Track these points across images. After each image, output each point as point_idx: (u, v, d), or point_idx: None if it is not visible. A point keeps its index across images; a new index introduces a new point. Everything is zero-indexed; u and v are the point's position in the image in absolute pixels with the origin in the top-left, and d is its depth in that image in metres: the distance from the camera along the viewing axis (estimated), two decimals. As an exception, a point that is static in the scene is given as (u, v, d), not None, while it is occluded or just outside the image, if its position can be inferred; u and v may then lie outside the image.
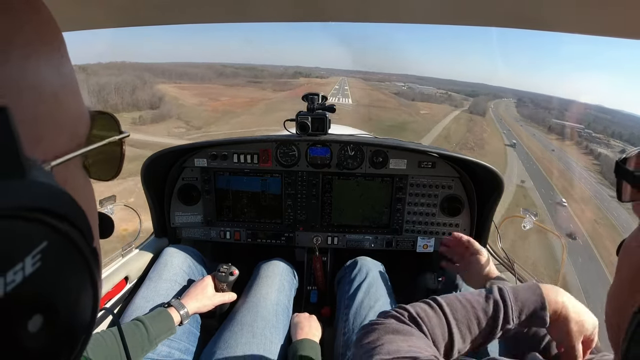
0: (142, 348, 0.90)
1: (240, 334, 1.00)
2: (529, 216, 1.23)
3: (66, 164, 0.22)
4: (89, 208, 0.26)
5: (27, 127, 0.19)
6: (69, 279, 0.18)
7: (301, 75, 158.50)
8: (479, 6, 0.66)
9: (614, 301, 0.35)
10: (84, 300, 0.19)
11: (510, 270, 1.26)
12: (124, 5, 0.69)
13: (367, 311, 1.11)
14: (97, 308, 0.20)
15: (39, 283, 0.16)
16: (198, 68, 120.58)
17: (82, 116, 0.25)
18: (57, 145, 0.22)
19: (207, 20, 0.78)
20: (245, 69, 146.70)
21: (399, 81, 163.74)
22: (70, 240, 0.18)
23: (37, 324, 0.16)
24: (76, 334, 0.19)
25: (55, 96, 0.22)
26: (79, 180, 0.25)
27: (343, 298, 1.21)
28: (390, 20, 0.77)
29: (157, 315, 0.98)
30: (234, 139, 1.44)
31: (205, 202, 1.46)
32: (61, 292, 0.17)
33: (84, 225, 0.19)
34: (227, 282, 1.17)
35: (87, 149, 0.25)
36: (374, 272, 1.26)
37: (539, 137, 61.58)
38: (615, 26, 0.61)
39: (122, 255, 1.28)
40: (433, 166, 1.40)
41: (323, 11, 0.74)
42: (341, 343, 1.07)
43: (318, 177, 1.44)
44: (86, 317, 0.19)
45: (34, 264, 0.15)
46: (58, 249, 0.17)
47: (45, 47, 0.22)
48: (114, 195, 1.23)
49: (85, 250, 0.19)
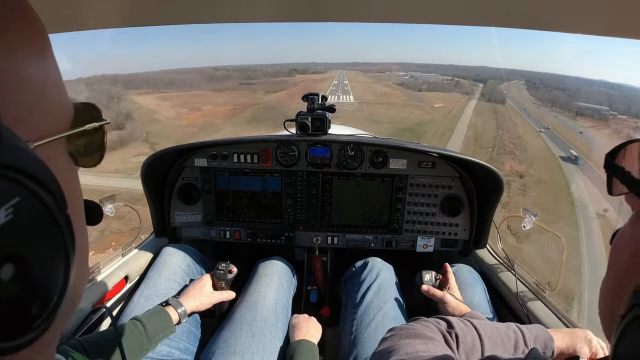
0: (142, 346, 0.91)
1: (240, 333, 1.00)
2: (529, 216, 1.23)
3: (49, 146, 0.24)
4: (72, 190, 0.28)
5: (11, 109, 0.21)
6: (40, 237, 0.19)
7: (297, 72, 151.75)
8: (479, 6, 0.66)
9: (607, 292, 0.34)
10: (56, 261, 0.20)
11: (511, 270, 1.26)
12: (124, 5, 0.69)
13: (375, 312, 1.10)
14: (69, 274, 0.21)
15: (10, 234, 0.17)
16: (188, 74, 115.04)
17: (66, 105, 0.27)
18: (41, 128, 0.24)
19: (206, 20, 0.78)
20: (239, 70, 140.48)
21: (399, 70, 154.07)
22: (42, 201, 0.19)
23: (8, 273, 0.17)
24: (48, 292, 0.20)
25: (39, 86, 0.24)
26: (61, 162, 0.27)
27: (351, 298, 1.21)
28: (390, 20, 0.77)
29: (155, 314, 0.98)
30: (234, 139, 1.45)
31: (205, 201, 1.46)
32: (32, 247, 0.18)
33: (57, 192, 0.20)
34: (225, 280, 1.17)
35: (68, 133, 0.27)
36: (385, 274, 1.26)
37: (565, 122, 50.53)
38: (615, 26, 0.61)
39: (122, 255, 1.28)
40: (433, 166, 1.40)
41: (323, 11, 0.74)
42: (347, 342, 1.07)
43: (318, 177, 1.44)
44: (58, 279, 0.20)
45: (6, 215, 0.17)
46: (30, 207, 0.18)
47: (31, 44, 0.24)
48: (114, 195, 1.23)
49: (56, 214, 0.20)
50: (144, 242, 1.43)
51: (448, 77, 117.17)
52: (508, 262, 1.31)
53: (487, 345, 0.66)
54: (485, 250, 1.46)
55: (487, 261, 1.40)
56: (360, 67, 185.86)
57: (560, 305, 1.06)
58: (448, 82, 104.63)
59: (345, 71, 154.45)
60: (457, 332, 0.65)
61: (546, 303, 1.10)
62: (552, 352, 0.75)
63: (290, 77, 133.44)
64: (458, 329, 0.66)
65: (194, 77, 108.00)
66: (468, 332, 0.67)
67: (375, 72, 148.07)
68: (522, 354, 0.71)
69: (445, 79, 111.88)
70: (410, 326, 0.66)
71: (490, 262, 1.39)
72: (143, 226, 1.42)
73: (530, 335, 0.74)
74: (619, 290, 0.29)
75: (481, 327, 0.69)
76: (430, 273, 1.21)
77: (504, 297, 1.23)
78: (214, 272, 1.18)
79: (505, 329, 0.73)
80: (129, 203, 1.40)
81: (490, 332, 0.69)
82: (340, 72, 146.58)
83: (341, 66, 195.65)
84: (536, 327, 0.80)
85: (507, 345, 0.70)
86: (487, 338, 0.67)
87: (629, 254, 0.31)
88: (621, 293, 0.29)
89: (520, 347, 0.71)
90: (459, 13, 0.72)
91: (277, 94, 77.76)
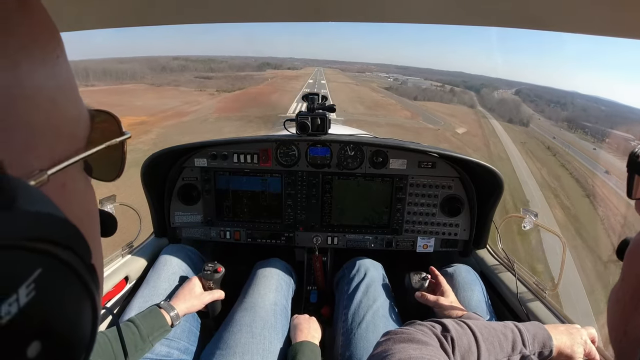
0: (135, 346, 0.91)
1: (240, 334, 1.00)
2: (529, 216, 1.22)
3: (65, 169, 0.22)
4: (88, 211, 0.25)
5: (21, 136, 0.19)
6: (66, 303, 0.18)
7: (269, 66, 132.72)
8: (480, 6, 0.65)
9: (619, 304, 0.32)
10: (83, 320, 0.19)
11: (511, 271, 1.26)
12: (124, 5, 0.69)
13: (365, 311, 1.11)
14: (97, 324, 0.20)
15: (35, 312, 0.16)
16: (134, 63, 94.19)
17: (81, 118, 0.25)
18: (55, 151, 0.22)
19: (206, 20, 0.78)
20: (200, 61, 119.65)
21: (380, 71, 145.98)
22: (64, 263, 0.17)
23: (35, 350, 0.16)
24: (76, 354, 0.19)
25: (52, 101, 0.21)
26: (78, 184, 0.25)
27: (342, 298, 1.22)
28: (391, 20, 0.77)
29: (148, 313, 0.98)
30: (234, 139, 1.44)
31: (205, 202, 1.46)
32: (59, 317, 0.17)
33: (79, 243, 0.19)
34: (213, 279, 1.18)
35: (85, 154, 0.24)
36: (373, 272, 1.26)
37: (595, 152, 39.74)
38: (615, 26, 0.61)
39: (122, 255, 1.28)
40: (433, 166, 1.40)
41: (323, 11, 0.74)
42: (340, 343, 1.07)
43: (318, 177, 1.44)
44: (86, 335, 0.19)
45: (28, 293, 0.15)
46: (52, 275, 0.17)
47: (41, 50, 0.21)
48: (114, 195, 1.23)
49: (81, 271, 0.18)
50: (144, 242, 1.43)
51: (437, 83, 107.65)
52: (508, 262, 1.30)
53: (483, 347, 0.66)
54: (485, 250, 1.46)
55: (487, 261, 1.40)
56: (338, 66, 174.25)
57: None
58: (439, 88, 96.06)
59: (323, 68, 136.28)
60: (452, 335, 0.65)
61: (546, 303, 1.10)
62: (550, 351, 0.74)
63: (259, 71, 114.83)
64: (454, 332, 0.66)
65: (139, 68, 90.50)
66: (464, 335, 0.67)
67: (355, 72, 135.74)
68: (520, 353, 0.71)
69: (435, 84, 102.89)
70: (405, 330, 0.66)
71: (490, 262, 1.39)
72: (143, 226, 1.41)
73: (528, 334, 0.74)
74: (635, 302, 0.28)
75: (477, 329, 0.69)
76: (420, 274, 1.21)
77: (504, 297, 1.23)
78: (201, 273, 1.18)
79: (503, 328, 0.73)
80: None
81: (487, 333, 0.69)
82: (317, 70, 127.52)
83: (319, 63, 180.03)
84: (534, 324, 0.79)
85: (505, 345, 0.70)
86: (483, 340, 0.67)
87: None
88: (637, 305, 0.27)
89: (519, 346, 0.71)
90: (459, 13, 0.72)
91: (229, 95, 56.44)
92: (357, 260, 1.33)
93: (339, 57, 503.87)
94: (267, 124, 34.25)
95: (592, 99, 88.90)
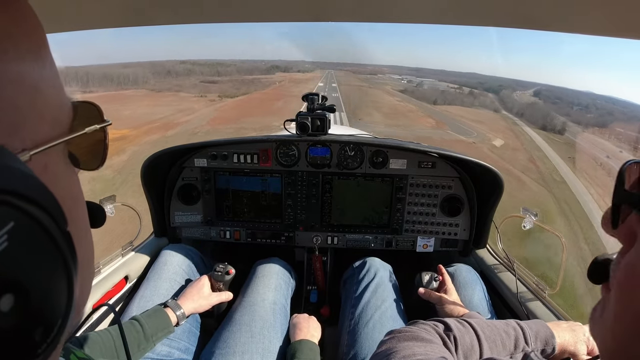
0: (139, 345, 0.91)
1: (239, 334, 1.00)
2: (529, 216, 1.22)
3: (47, 151, 0.23)
4: (71, 195, 0.26)
5: (4, 116, 0.20)
6: (39, 261, 0.18)
7: (279, 69, 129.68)
8: (480, 6, 0.65)
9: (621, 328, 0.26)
10: (57, 284, 0.19)
11: (511, 271, 1.26)
12: (123, 5, 0.69)
13: (373, 311, 1.11)
14: (72, 295, 0.20)
15: (7, 263, 0.16)
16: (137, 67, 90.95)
17: (64, 106, 0.26)
18: (38, 133, 0.22)
19: (206, 20, 0.78)
20: (207, 65, 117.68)
21: (392, 73, 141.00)
22: (38, 223, 0.18)
23: (8, 303, 0.16)
24: (50, 318, 0.19)
25: (35, 87, 0.22)
26: (59, 167, 0.25)
27: (350, 297, 1.22)
28: (390, 20, 0.77)
29: (153, 313, 0.98)
30: (234, 139, 1.44)
31: (205, 201, 1.46)
32: (30, 273, 0.17)
33: (54, 209, 0.19)
34: (223, 281, 1.17)
35: (68, 138, 0.25)
36: (382, 273, 1.26)
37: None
38: (615, 26, 0.61)
39: (122, 255, 1.28)
40: (433, 166, 1.40)
41: (323, 11, 0.74)
42: (345, 342, 1.08)
43: (318, 177, 1.44)
44: (61, 302, 0.19)
45: (0, 243, 0.16)
46: (26, 231, 0.17)
47: (25, 41, 0.22)
48: (114, 195, 1.23)
49: (55, 233, 0.19)
50: (144, 242, 1.43)
51: (454, 85, 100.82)
52: (508, 262, 1.30)
53: (485, 345, 0.66)
54: (485, 250, 1.46)
55: (487, 261, 1.40)
56: (350, 68, 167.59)
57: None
58: (457, 90, 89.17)
59: (334, 71, 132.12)
60: (455, 334, 0.65)
61: (546, 303, 1.10)
62: (553, 349, 0.74)
63: (268, 74, 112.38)
64: (456, 331, 0.66)
65: (142, 72, 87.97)
66: (466, 333, 0.67)
67: (367, 74, 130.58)
68: (523, 351, 0.71)
69: (452, 87, 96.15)
70: (408, 329, 0.66)
71: (490, 262, 1.39)
72: (143, 226, 1.41)
73: (530, 332, 0.74)
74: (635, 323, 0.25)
75: (479, 327, 0.69)
76: (430, 274, 1.21)
77: (504, 297, 1.23)
78: (211, 273, 1.18)
79: (505, 327, 0.73)
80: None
81: (489, 332, 0.69)
82: (328, 72, 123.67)
83: (330, 65, 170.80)
84: (536, 322, 0.79)
85: (507, 343, 0.70)
86: (485, 338, 0.67)
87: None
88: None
89: (521, 344, 0.71)
90: (460, 13, 0.72)
91: (231, 101, 50.77)
92: (367, 260, 1.33)
93: (350, 59, 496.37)
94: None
95: (608, 99, 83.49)
